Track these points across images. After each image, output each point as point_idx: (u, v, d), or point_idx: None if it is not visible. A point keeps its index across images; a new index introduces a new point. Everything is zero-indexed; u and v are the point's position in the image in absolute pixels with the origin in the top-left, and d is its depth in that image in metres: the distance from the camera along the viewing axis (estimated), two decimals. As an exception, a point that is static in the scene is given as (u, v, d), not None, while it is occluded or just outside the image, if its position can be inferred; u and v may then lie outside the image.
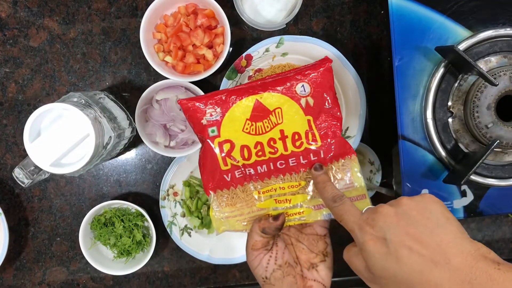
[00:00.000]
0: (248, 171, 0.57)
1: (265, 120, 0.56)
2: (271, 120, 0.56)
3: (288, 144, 0.56)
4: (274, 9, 0.74)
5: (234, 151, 0.56)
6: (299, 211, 0.57)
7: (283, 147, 0.56)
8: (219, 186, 0.58)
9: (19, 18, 0.78)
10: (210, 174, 0.58)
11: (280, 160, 0.57)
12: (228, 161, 0.57)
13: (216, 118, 0.56)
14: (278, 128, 0.56)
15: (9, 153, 0.79)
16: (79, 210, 0.80)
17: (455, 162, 0.68)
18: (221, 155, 0.57)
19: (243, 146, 0.56)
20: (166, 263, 0.82)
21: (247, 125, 0.56)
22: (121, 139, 0.71)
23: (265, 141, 0.56)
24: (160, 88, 0.74)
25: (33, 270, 0.81)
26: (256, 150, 0.56)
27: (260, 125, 0.56)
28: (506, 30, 0.67)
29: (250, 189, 0.58)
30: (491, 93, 0.64)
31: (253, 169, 0.57)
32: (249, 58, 0.73)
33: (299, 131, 0.56)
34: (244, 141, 0.56)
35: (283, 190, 0.57)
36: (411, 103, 0.69)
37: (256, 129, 0.56)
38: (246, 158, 0.57)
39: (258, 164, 0.57)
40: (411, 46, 0.68)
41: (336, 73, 0.74)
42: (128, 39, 0.79)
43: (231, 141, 0.56)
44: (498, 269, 0.40)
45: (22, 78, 0.79)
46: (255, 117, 0.56)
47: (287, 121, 0.56)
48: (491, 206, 0.70)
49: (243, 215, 0.58)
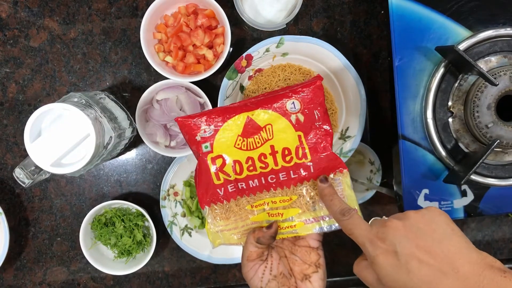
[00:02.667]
0: (240, 186, 0.59)
1: (256, 136, 0.58)
2: (262, 136, 0.58)
3: (278, 159, 0.58)
4: (274, 9, 0.75)
5: (226, 166, 0.58)
6: (291, 225, 0.59)
7: (273, 162, 0.58)
8: (213, 200, 0.59)
9: (20, 18, 0.78)
10: (204, 188, 0.59)
11: (271, 174, 0.58)
12: (221, 176, 0.58)
13: (209, 134, 0.58)
14: (268, 144, 0.58)
15: (10, 153, 0.80)
16: (79, 210, 0.80)
17: (455, 162, 0.69)
18: (214, 170, 0.58)
19: (235, 161, 0.58)
20: (167, 263, 0.82)
21: (239, 141, 0.58)
22: (121, 139, 0.71)
23: (256, 156, 0.58)
24: (161, 88, 0.74)
25: (33, 270, 0.81)
26: (248, 165, 0.58)
27: (251, 141, 0.58)
28: (506, 30, 0.67)
29: (243, 203, 0.59)
30: (491, 93, 0.64)
31: (245, 183, 0.59)
32: (249, 58, 0.73)
33: (289, 146, 0.58)
34: (236, 156, 0.58)
35: (275, 204, 0.59)
36: (411, 103, 0.69)
37: (247, 144, 0.58)
38: (238, 173, 0.58)
39: (250, 178, 0.58)
40: (411, 46, 0.68)
41: (336, 73, 0.74)
42: (129, 39, 0.79)
43: (223, 157, 0.58)
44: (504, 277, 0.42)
45: (22, 78, 0.79)
46: (246, 133, 0.58)
47: (277, 137, 0.58)
48: (491, 206, 0.70)
49: (237, 229, 0.60)
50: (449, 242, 0.45)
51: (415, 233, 0.45)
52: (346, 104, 0.75)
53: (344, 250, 0.81)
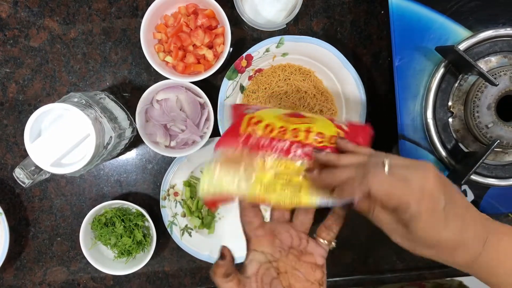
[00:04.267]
0: (263, 142, 0.57)
1: (297, 118, 0.59)
2: (303, 120, 0.59)
3: (310, 136, 0.57)
4: (274, 9, 0.75)
5: (260, 124, 0.58)
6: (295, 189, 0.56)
7: (304, 137, 0.57)
8: (231, 143, 0.58)
9: (20, 18, 0.78)
10: (227, 134, 0.58)
11: (297, 144, 0.57)
12: (249, 129, 0.58)
13: (255, 109, 0.60)
14: (306, 125, 0.58)
15: (10, 153, 0.80)
16: (79, 210, 0.80)
17: (455, 162, 0.69)
18: (247, 123, 0.58)
19: (269, 124, 0.58)
20: (167, 263, 0.82)
21: (281, 115, 0.59)
22: (121, 139, 0.71)
23: (290, 128, 0.58)
24: (161, 88, 0.74)
25: (33, 270, 0.81)
26: (280, 129, 0.58)
27: (292, 119, 0.59)
28: (506, 30, 0.67)
29: (256, 157, 0.57)
30: (491, 93, 0.64)
31: (269, 140, 0.57)
32: (249, 58, 0.73)
33: (325, 132, 0.57)
34: (272, 121, 0.58)
35: (288, 170, 0.57)
36: (411, 103, 0.69)
37: (287, 120, 0.58)
38: (268, 132, 0.58)
39: (276, 138, 0.57)
40: (411, 46, 0.68)
41: (336, 73, 0.74)
42: (129, 39, 0.79)
43: (261, 118, 0.58)
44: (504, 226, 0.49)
45: (22, 78, 0.79)
46: (290, 115, 0.59)
47: (317, 124, 0.58)
48: (491, 206, 0.70)
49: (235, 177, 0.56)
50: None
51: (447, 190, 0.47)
52: (346, 104, 0.75)
53: (344, 250, 0.81)
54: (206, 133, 0.74)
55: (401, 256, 0.81)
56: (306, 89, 0.75)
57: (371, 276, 0.81)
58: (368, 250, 0.81)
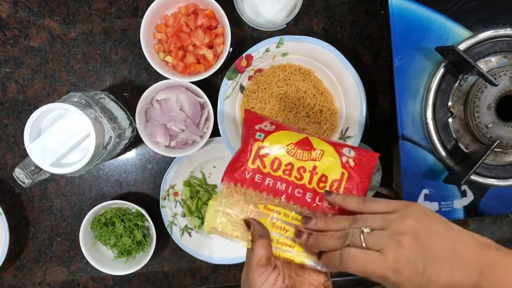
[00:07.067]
0: (267, 181, 0.59)
1: (306, 152, 0.59)
2: (311, 154, 0.59)
3: (314, 179, 0.59)
4: (274, 9, 0.75)
5: (267, 157, 0.59)
6: (291, 244, 0.58)
7: (308, 180, 0.59)
8: (236, 179, 0.59)
9: (20, 18, 0.78)
10: (235, 165, 0.59)
11: (300, 188, 0.59)
12: (257, 163, 0.59)
13: (267, 129, 0.61)
14: (313, 163, 0.59)
15: (10, 153, 0.80)
16: (79, 210, 0.80)
17: (455, 162, 0.69)
18: (255, 154, 0.59)
19: (277, 158, 0.59)
20: (167, 263, 0.82)
21: (290, 146, 0.59)
22: (121, 139, 0.71)
23: (296, 166, 0.59)
24: (161, 88, 0.74)
25: (33, 270, 0.81)
26: (286, 168, 0.59)
27: (300, 152, 0.59)
28: (506, 30, 0.67)
29: (258, 200, 0.58)
30: (491, 93, 0.64)
31: (273, 181, 0.59)
32: (249, 58, 0.73)
33: (329, 175, 0.59)
34: (280, 155, 0.59)
35: (286, 218, 0.58)
36: (411, 103, 0.69)
37: (295, 153, 0.59)
38: (274, 169, 0.59)
39: (280, 180, 0.59)
40: (411, 46, 0.68)
41: (336, 73, 0.74)
42: (129, 39, 0.79)
43: (270, 149, 0.59)
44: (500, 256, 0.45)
45: (22, 78, 0.79)
46: (300, 145, 0.60)
47: (323, 162, 0.59)
48: (491, 206, 0.70)
49: (238, 223, 0.58)
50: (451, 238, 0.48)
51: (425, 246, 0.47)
52: (346, 104, 0.75)
53: None
54: (206, 133, 0.74)
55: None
56: (306, 89, 0.75)
57: (371, 276, 0.81)
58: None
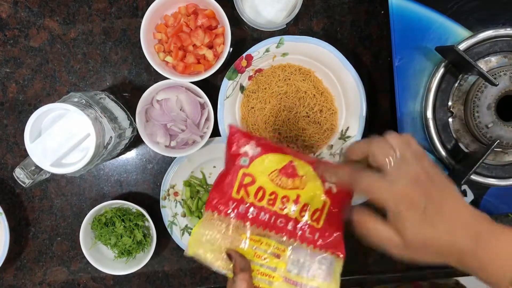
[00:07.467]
0: (251, 212, 0.59)
1: (290, 179, 0.59)
2: (295, 182, 0.59)
3: (297, 209, 0.59)
4: (274, 9, 0.75)
5: (252, 186, 0.59)
6: (271, 274, 0.58)
7: (291, 209, 0.59)
8: (220, 209, 0.59)
9: (20, 18, 0.78)
10: (219, 194, 0.60)
11: (282, 218, 0.59)
12: (242, 192, 0.59)
13: (252, 153, 0.60)
14: (296, 192, 0.59)
15: (10, 153, 0.80)
16: (79, 210, 0.80)
17: (455, 162, 0.69)
18: (240, 183, 0.59)
19: (262, 187, 0.59)
20: (167, 263, 0.82)
21: (274, 174, 0.59)
22: (121, 139, 0.71)
23: (280, 195, 0.59)
24: (161, 88, 0.74)
25: (33, 270, 0.81)
26: (270, 197, 0.59)
27: (285, 180, 0.59)
28: (506, 30, 0.67)
29: (242, 230, 0.59)
30: (491, 93, 0.64)
31: (257, 212, 0.59)
32: (249, 58, 0.73)
33: (310, 204, 0.59)
34: (264, 184, 0.59)
35: (268, 247, 0.59)
36: (411, 103, 0.69)
37: (280, 181, 0.59)
38: (258, 199, 0.59)
39: (264, 210, 0.59)
40: (411, 46, 0.68)
41: (336, 73, 0.74)
42: (129, 39, 0.79)
43: (254, 177, 0.59)
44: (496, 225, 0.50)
45: (22, 78, 0.79)
46: (284, 171, 0.60)
47: (307, 191, 0.59)
48: (491, 206, 0.70)
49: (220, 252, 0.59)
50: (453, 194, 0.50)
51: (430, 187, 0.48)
52: (346, 104, 0.75)
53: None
54: (206, 133, 0.74)
55: (401, 256, 0.81)
56: (306, 89, 0.75)
57: (371, 276, 0.81)
58: (368, 250, 0.81)
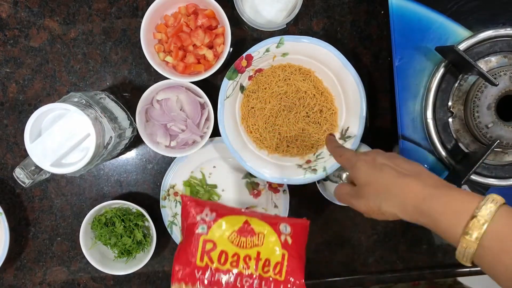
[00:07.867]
0: (216, 277, 0.62)
1: (248, 238, 0.63)
2: (253, 240, 0.63)
3: (259, 266, 0.63)
4: (274, 9, 0.75)
5: (214, 252, 0.62)
6: None
7: (254, 267, 0.63)
8: (187, 280, 0.62)
9: (20, 18, 0.78)
10: (183, 264, 0.63)
11: (248, 278, 0.62)
12: (205, 259, 0.62)
13: (209, 219, 0.64)
14: (256, 249, 0.63)
15: (10, 153, 0.80)
16: (79, 210, 0.80)
17: (455, 162, 0.69)
18: (202, 250, 0.63)
19: (223, 251, 0.63)
20: (167, 263, 0.82)
21: (233, 235, 0.63)
22: (121, 139, 0.71)
23: (242, 255, 0.63)
24: (161, 88, 0.74)
25: (33, 270, 0.81)
26: (233, 259, 0.63)
27: (244, 240, 0.63)
28: (506, 30, 0.67)
29: None
30: (491, 93, 0.64)
31: (223, 275, 0.62)
32: (249, 58, 0.73)
33: (271, 259, 0.63)
34: (225, 247, 0.63)
35: None
36: (411, 103, 0.69)
37: (239, 242, 0.63)
38: (222, 263, 0.62)
39: (229, 272, 0.62)
40: (411, 46, 0.68)
41: (336, 73, 0.74)
42: (129, 39, 0.79)
43: (215, 243, 0.63)
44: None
45: (22, 78, 0.79)
46: (242, 231, 0.63)
47: (266, 246, 0.63)
48: (491, 206, 0.70)
49: None
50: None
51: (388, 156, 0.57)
52: (346, 104, 0.75)
53: (344, 250, 0.81)
54: (206, 133, 0.74)
55: (401, 256, 0.81)
56: (306, 89, 0.75)
57: (371, 276, 0.81)
58: (368, 250, 0.81)
